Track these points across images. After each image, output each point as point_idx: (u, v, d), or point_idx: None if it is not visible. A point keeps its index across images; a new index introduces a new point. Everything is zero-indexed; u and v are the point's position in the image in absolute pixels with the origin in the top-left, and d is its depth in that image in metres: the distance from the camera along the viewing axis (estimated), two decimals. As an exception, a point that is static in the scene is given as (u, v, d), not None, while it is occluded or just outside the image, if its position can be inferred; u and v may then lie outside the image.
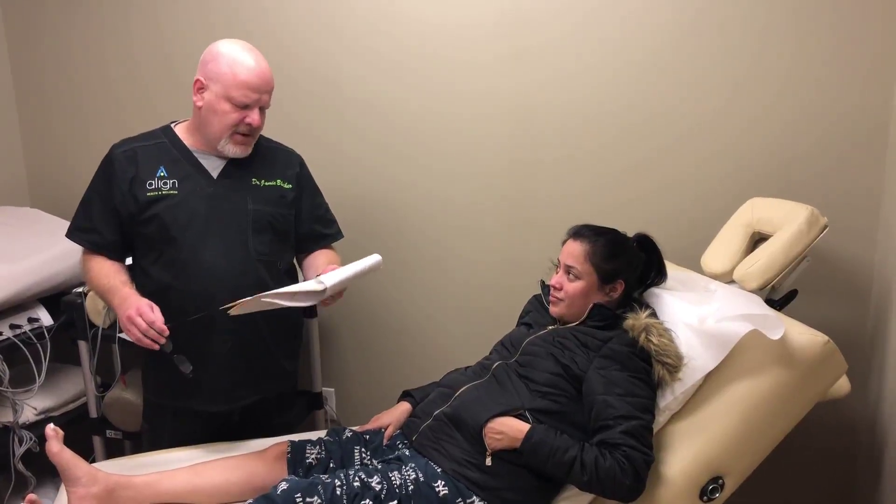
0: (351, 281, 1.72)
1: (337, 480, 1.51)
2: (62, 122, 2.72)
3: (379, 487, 1.51)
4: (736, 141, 2.07)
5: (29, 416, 2.27)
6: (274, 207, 1.86)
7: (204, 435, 1.89)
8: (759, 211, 1.91)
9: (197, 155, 1.82)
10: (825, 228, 1.79)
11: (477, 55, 2.23)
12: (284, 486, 1.50)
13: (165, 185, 1.78)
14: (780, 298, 1.82)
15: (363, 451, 1.71)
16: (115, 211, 1.80)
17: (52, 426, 1.58)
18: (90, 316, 2.25)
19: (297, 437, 1.79)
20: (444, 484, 1.55)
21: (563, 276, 1.74)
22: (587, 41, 2.13)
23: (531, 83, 2.20)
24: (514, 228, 2.32)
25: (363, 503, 1.48)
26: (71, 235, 1.86)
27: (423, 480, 1.55)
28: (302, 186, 1.94)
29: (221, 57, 1.73)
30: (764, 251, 1.77)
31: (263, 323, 1.82)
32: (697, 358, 1.60)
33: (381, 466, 1.61)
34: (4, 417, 2.22)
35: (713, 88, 2.06)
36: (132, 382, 2.31)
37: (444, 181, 2.35)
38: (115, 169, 1.79)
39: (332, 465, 1.67)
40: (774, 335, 1.54)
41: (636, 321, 1.65)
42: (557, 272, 1.77)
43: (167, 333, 1.65)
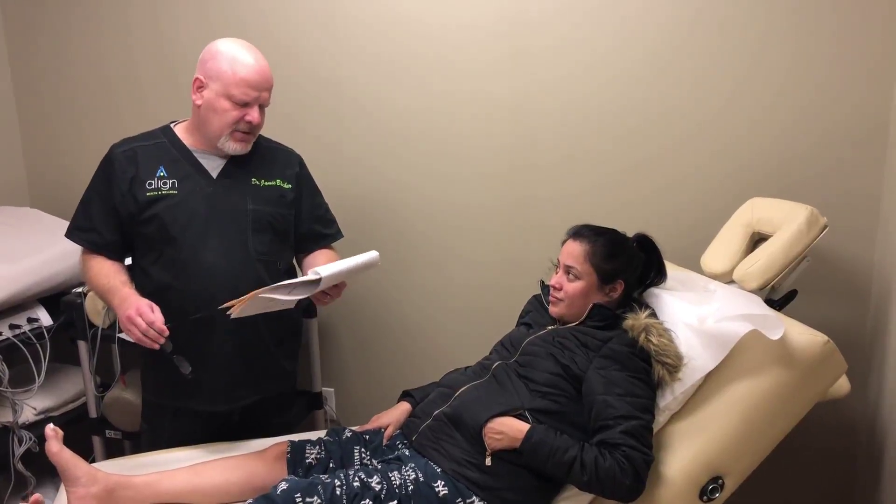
0: (347, 275, 1.72)
1: (337, 480, 1.51)
2: (62, 122, 2.73)
3: (379, 487, 1.51)
4: (736, 141, 2.07)
5: (28, 416, 2.27)
6: (273, 207, 1.86)
7: (203, 435, 1.89)
8: (758, 211, 1.91)
9: (196, 155, 1.82)
10: (825, 228, 1.79)
11: (476, 56, 2.23)
12: (284, 486, 1.49)
13: (165, 184, 1.78)
14: (779, 298, 1.82)
15: (363, 451, 1.71)
16: (114, 211, 1.79)
17: (51, 426, 1.58)
18: (90, 316, 2.25)
19: (296, 437, 1.79)
20: (443, 484, 1.55)
21: (562, 276, 1.74)
22: (587, 43, 2.13)
23: (530, 84, 2.20)
24: (513, 228, 2.32)
25: (363, 503, 1.48)
26: (70, 235, 1.85)
27: (422, 480, 1.55)
28: (301, 186, 1.94)
29: (221, 55, 1.73)
30: (764, 251, 1.77)
31: (263, 323, 1.82)
32: (697, 358, 1.60)
33: (380, 466, 1.61)
34: (4, 417, 2.22)
35: (713, 89, 2.06)
36: (132, 382, 2.31)
37: (443, 181, 2.35)
38: (114, 169, 1.79)
39: (331, 465, 1.67)
40: (774, 335, 1.54)
41: (636, 321, 1.65)
42: (557, 272, 1.77)
43: (167, 334, 1.65)
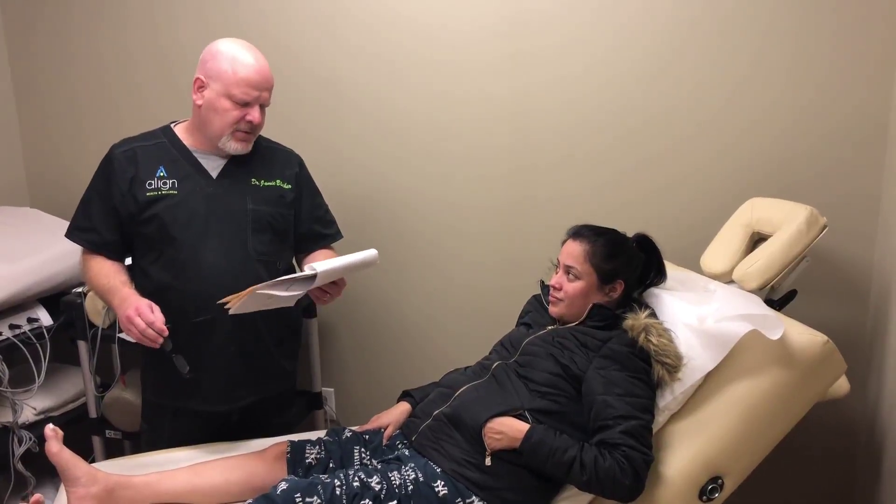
0: (345, 272, 1.71)
1: (336, 480, 1.51)
2: (62, 122, 2.72)
3: (378, 487, 1.51)
4: (735, 141, 2.07)
5: (28, 416, 2.27)
6: (273, 207, 1.86)
7: (203, 435, 1.88)
8: (758, 211, 1.91)
9: (196, 155, 1.82)
10: (824, 228, 1.79)
11: (476, 56, 2.23)
12: (284, 486, 1.49)
13: (165, 184, 1.78)
14: (779, 298, 1.82)
15: (363, 451, 1.71)
16: (114, 211, 1.79)
17: (51, 426, 1.58)
18: (90, 316, 2.25)
19: (296, 437, 1.79)
20: (443, 484, 1.55)
21: (562, 276, 1.74)
22: (586, 43, 2.13)
23: (530, 85, 2.20)
24: (513, 229, 2.32)
25: (362, 503, 1.48)
26: (70, 235, 1.85)
27: (422, 480, 1.55)
28: (301, 186, 1.94)
29: (221, 55, 1.73)
30: (763, 251, 1.77)
31: (262, 323, 1.82)
32: (697, 358, 1.60)
33: (380, 466, 1.61)
34: (4, 417, 2.22)
35: (713, 89, 2.06)
36: (131, 382, 2.31)
37: (443, 182, 2.35)
38: (114, 169, 1.79)
39: (331, 465, 1.67)
40: (774, 335, 1.54)
41: (636, 321, 1.65)
42: (557, 272, 1.77)
43: (166, 334, 1.65)
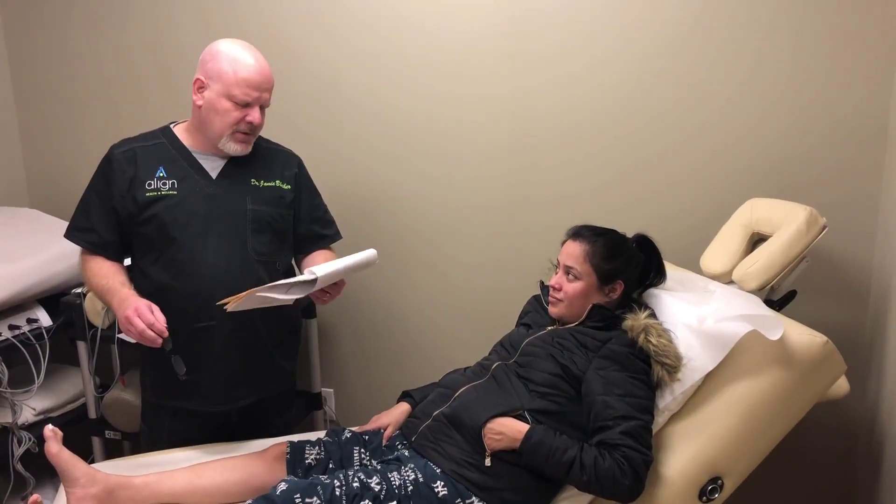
0: (345, 274, 1.71)
1: (336, 481, 1.51)
2: (61, 123, 2.72)
3: (378, 488, 1.51)
4: (735, 142, 2.07)
5: (28, 416, 2.27)
6: (273, 208, 1.86)
7: (202, 435, 1.88)
8: (758, 211, 1.91)
9: (196, 155, 1.82)
10: (824, 229, 1.79)
11: (476, 57, 2.23)
12: (284, 486, 1.49)
13: (164, 185, 1.78)
14: (779, 299, 1.82)
15: (362, 451, 1.71)
16: (113, 211, 1.79)
17: (50, 427, 1.58)
18: (89, 316, 2.25)
19: (296, 437, 1.79)
20: (443, 484, 1.55)
21: (562, 276, 1.74)
22: (587, 43, 2.13)
23: (530, 86, 2.20)
24: (513, 229, 2.32)
25: (362, 503, 1.48)
26: (69, 235, 1.85)
27: (422, 481, 1.55)
28: (300, 187, 1.94)
29: (221, 55, 1.73)
30: (763, 251, 1.77)
31: (262, 323, 1.82)
32: (696, 358, 1.60)
33: (380, 467, 1.61)
34: (3, 418, 2.22)
35: (712, 90, 2.06)
36: (131, 383, 2.31)
37: (442, 182, 2.35)
38: (114, 169, 1.79)
39: (331, 465, 1.67)
40: (773, 336, 1.53)
41: (635, 322, 1.65)
42: (556, 273, 1.77)
43: (167, 335, 1.65)
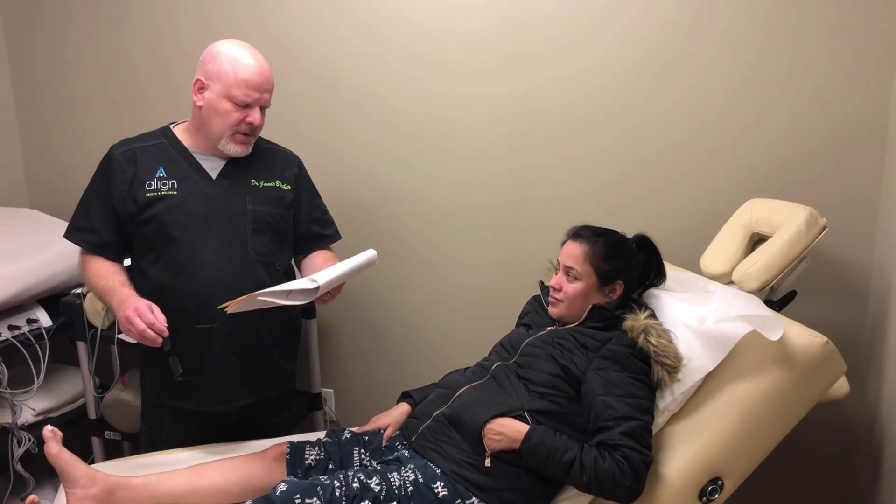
0: (346, 278, 1.72)
1: (336, 481, 1.51)
2: (61, 123, 2.73)
3: (378, 488, 1.51)
4: (735, 142, 2.07)
5: (28, 417, 2.27)
6: (272, 208, 1.86)
7: (202, 435, 1.88)
8: (758, 212, 1.91)
9: (196, 155, 1.82)
10: (824, 229, 1.79)
11: (476, 57, 2.23)
12: (283, 487, 1.49)
13: (164, 185, 1.78)
14: (779, 299, 1.82)
15: (362, 452, 1.71)
16: (113, 211, 1.79)
17: (49, 427, 1.57)
18: (89, 317, 2.25)
19: (296, 438, 1.79)
20: (443, 485, 1.55)
21: (562, 277, 1.74)
22: (586, 43, 2.13)
23: (530, 87, 2.20)
24: (513, 230, 2.32)
25: (362, 504, 1.48)
26: (69, 236, 1.85)
27: (422, 481, 1.55)
28: (300, 188, 1.94)
29: (222, 56, 1.73)
30: (763, 252, 1.77)
31: (261, 323, 1.82)
32: (696, 359, 1.60)
33: (380, 467, 1.61)
34: (3, 419, 2.22)
35: (712, 90, 2.06)
36: (131, 383, 2.31)
37: (442, 183, 2.35)
38: (113, 169, 1.79)
39: (331, 466, 1.67)
40: (773, 336, 1.53)
41: (635, 322, 1.65)
42: (556, 273, 1.77)
43: (167, 334, 1.65)
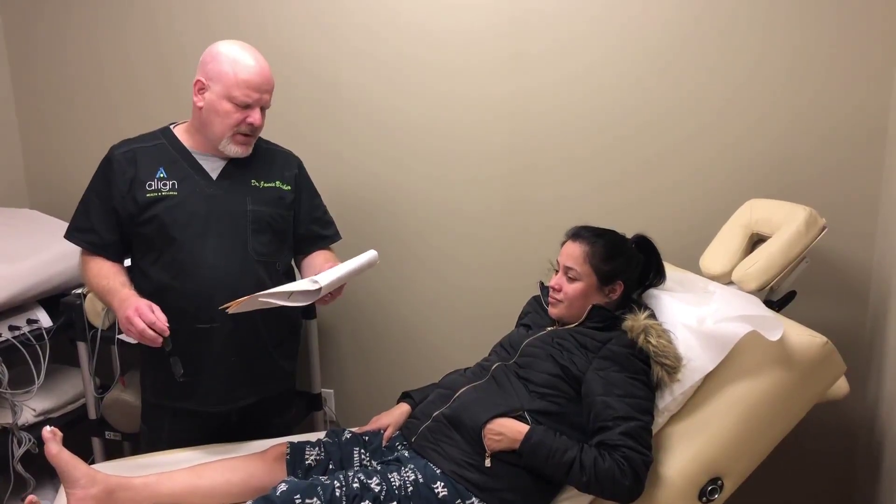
0: (347, 279, 1.72)
1: (336, 482, 1.51)
2: (61, 123, 2.73)
3: (378, 489, 1.51)
4: (735, 142, 2.07)
5: (28, 417, 2.27)
6: (273, 208, 1.86)
7: (202, 436, 1.89)
8: (757, 212, 1.91)
9: (196, 156, 1.82)
10: (824, 230, 1.79)
11: (476, 58, 2.23)
12: (284, 487, 1.49)
13: (165, 185, 1.78)
14: (778, 299, 1.82)
15: (362, 452, 1.71)
16: (113, 211, 1.79)
17: (49, 428, 1.57)
18: (89, 317, 2.25)
19: (296, 438, 1.79)
20: (443, 485, 1.55)
21: (562, 277, 1.75)
22: (586, 44, 2.13)
23: (529, 87, 2.20)
24: (513, 230, 2.32)
25: (362, 504, 1.48)
26: (69, 236, 1.85)
27: (422, 482, 1.55)
28: (300, 188, 1.94)
29: (222, 56, 1.73)
30: (763, 252, 1.77)
31: (262, 323, 1.83)
32: (696, 359, 1.60)
33: (380, 468, 1.61)
34: (3, 419, 2.22)
35: (712, 91, 2.06)
36: (131, 384, 2.31)
37: (442, 183, 2.35)
38: (114, 170, 1.79)
39: (331, 466, 1.67)
40: (773, 336, 1.53)
41: (635, 322, 1.65)
42: (556, 274, 1.77)
43: (167, 334, 1.65)
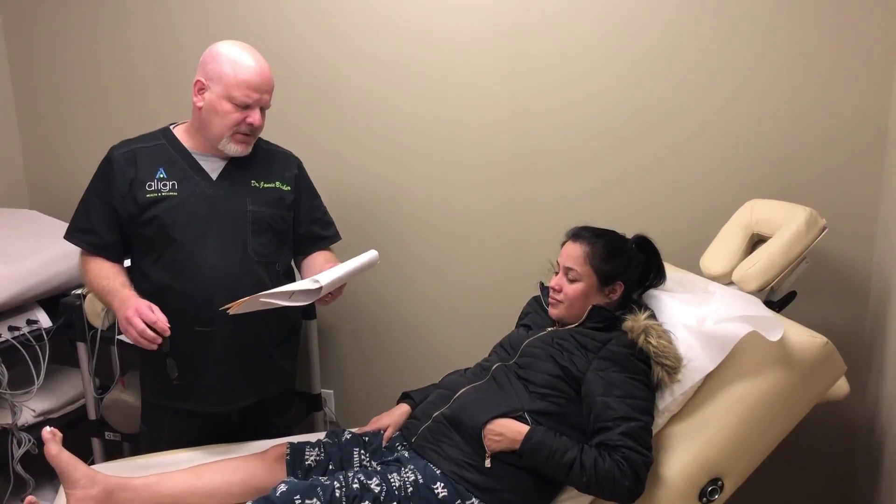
0: (347, 278, 1.72)
1: (336, 482, 1.51)
2: (61, 124, 2.73)
3: (378, 489, 1.51)
4: (735, 143, 2.07)
5: (28, 418, 2.27)
6: (273, 209, 1.86)
7: (202, 436, 1.88)
8: (758, 212, 1.91)
9: (196, 156, 1.82)
10: (824, 230, 1.79)
11: (476, 58, 2.23)
12: (284, 487, 1.49)
13: (165, 186, 1.78)
14: (778, 300, 1.82)
15: (362, 452, 1.71)
16: (113, 212, 1.79)
17: (49, 428, 1.57)
18: (89, 318, 2.25)
19: (296, 438, 1.79)
20: (443, 486, 1.55)
21: (562, 277, 1.74)
22: (586, 46, 2.13)
23: (530, 88, 2.20)
24: (513, 230, 2.32)
25: (362, 505, 1.48)
26: (69, 237, 1.85)
27: (422, 482, 1.55)
28: (300, 188, 1.94)
29: (222, 57, 1.73)
30: (763, 252, 1.77)
31: (261, 323, 1.82)
32: (696, 359, 1.60)
33: (380, 468, 1.61)
34: (3, 419, 2.22)
35: (712, 91, 2.06)
36: (131, 384, 2.31)
37: (442, 184, 2.35)
38: (114, 170, 1.79)
39: (331, 466, 1.67)
40: (773, 336, 1.53)
41: (635, 323, 1.65)
42: (556, 274, 1.77)
43: (168, 334, 1.65)
